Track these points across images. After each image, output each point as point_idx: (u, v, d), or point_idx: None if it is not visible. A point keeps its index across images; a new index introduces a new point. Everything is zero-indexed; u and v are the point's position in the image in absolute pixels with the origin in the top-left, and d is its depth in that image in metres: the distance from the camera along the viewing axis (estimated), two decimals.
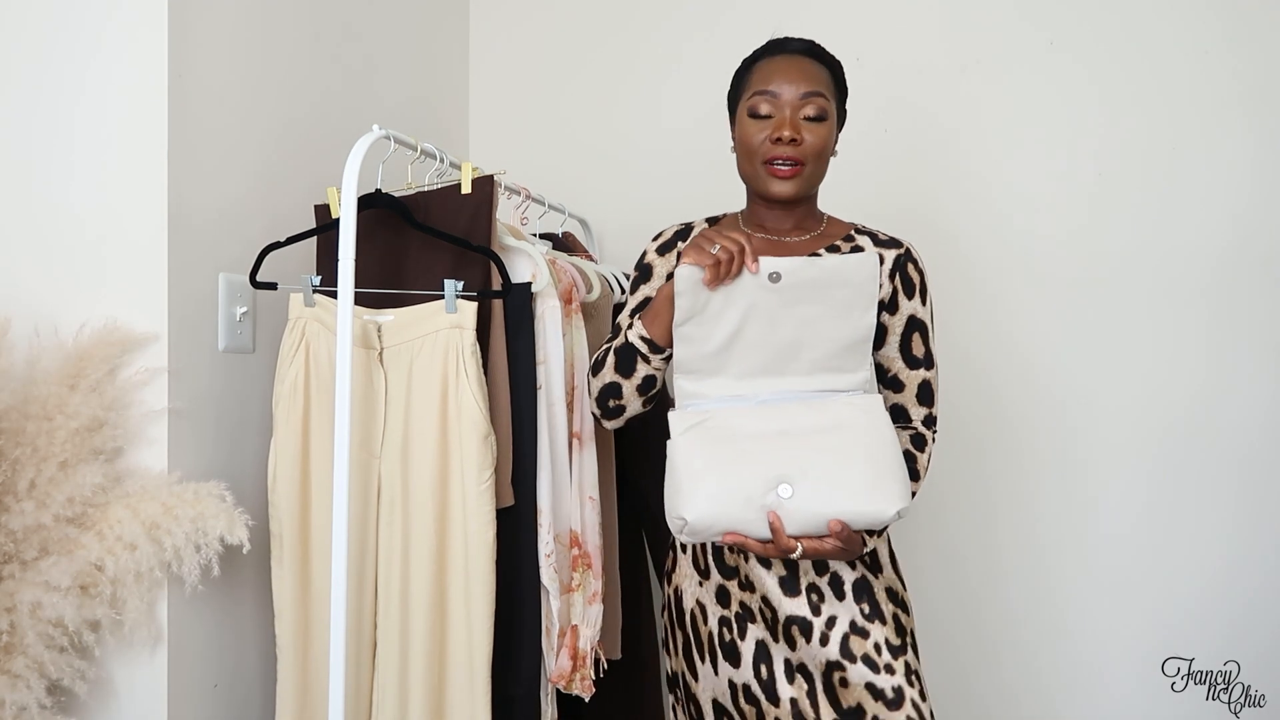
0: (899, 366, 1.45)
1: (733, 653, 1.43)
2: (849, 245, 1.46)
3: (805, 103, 1.39)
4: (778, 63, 1.42)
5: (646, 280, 1.52)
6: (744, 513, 1.26)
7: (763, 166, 1.40)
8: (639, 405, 1.45)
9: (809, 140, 1.38)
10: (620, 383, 1.43)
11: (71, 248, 1.51)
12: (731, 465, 1.27)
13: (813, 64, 1.42)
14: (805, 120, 1.38)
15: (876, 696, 1.34)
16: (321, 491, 1.50)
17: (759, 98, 1.40)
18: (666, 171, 2.31)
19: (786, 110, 1.39)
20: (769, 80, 1.40)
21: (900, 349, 1.44)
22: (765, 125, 1.39)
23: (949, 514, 2.11)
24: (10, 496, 1.35)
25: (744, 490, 1.26)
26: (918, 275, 1.45)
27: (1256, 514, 1.94)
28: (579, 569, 1.57)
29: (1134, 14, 2.01)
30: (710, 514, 1.26)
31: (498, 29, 2.47)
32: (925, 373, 1.45)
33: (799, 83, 1.39)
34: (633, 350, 1.41)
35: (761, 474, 1.26)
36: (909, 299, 1.44)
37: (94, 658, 1.43)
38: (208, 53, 1.55)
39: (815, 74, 1.41)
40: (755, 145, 1.40)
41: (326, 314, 1.50)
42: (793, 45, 1.43)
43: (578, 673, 1.54)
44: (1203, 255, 1.96)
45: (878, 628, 1.37)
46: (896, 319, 1.44)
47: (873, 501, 1.26)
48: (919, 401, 1.46)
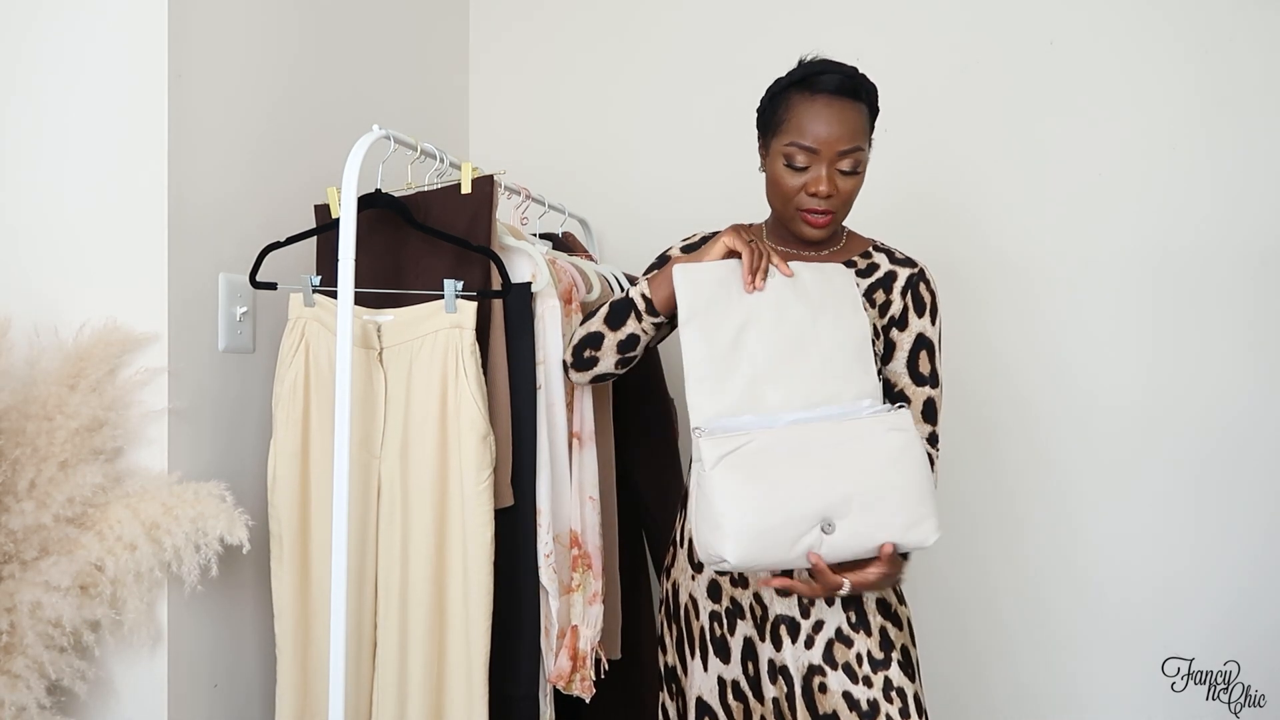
0: (905, 382, 1.45)
1: (723, 648, 1.43)
2: (866, 261, 1.48)
3: (843, 158, 1.37)
4: (816, 108, 1.36)
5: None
6: (787, 553, 1.23)
7: (795, 212, 1.41)
8: (612, 364, 1.46)
9: (844, 190, 1.39)
10: (604, 333, 1.44)
11: (71, 248, 1.51)
12: (771, 502, 1.22)
13: (852, 108, 1.37)
14: (841, 173, 1.38)
15: (852, 707, 1.34)
16: (321, 491, 1.50)
17: (795, 149, 1.37)
18: (667, 171, 2.30)
19: (824, 167, 1.37)
20: (805, 132, 1.36)
21: (908, 365, 1.45)
22: (801, 176, 1.38)
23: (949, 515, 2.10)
24: (10, 496, 1.35)
25: (787, 531, 1.22)
26: (929, 295, 1.47)
27: (1256, 514, 1.94)
28: (579, 569, 1.57)
29: (1134, 14, 2.00)
30: (753, 555, 1.22)
31: (497, 29, 2.47)
32: (930, 390, 1.45)
33: (838, 139, 1.36)
34: (629, 304, 1.42)
35: (802, 512, 1.22)
36: (919, 317, 1.45)
37: (94, 658, 1.43)
38: (207, 52, 1.55)
39: (854, 123, 1.37)
40: (788, 192, 1.40)
41: (326, 314, 1.50)
42: (830, 83, 1.37)
43: (577, 673, 1.54)
44: (1202, 255, 1.96)
45: (862, 638, 1.36)
46: (906, 335, 1.45)
47: (913, 532, 1.26)
48: (924, 419, 1.45)
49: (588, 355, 1.46)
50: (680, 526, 1.55)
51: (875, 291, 1.46)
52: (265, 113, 1.69)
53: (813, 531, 1.22)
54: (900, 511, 1.25)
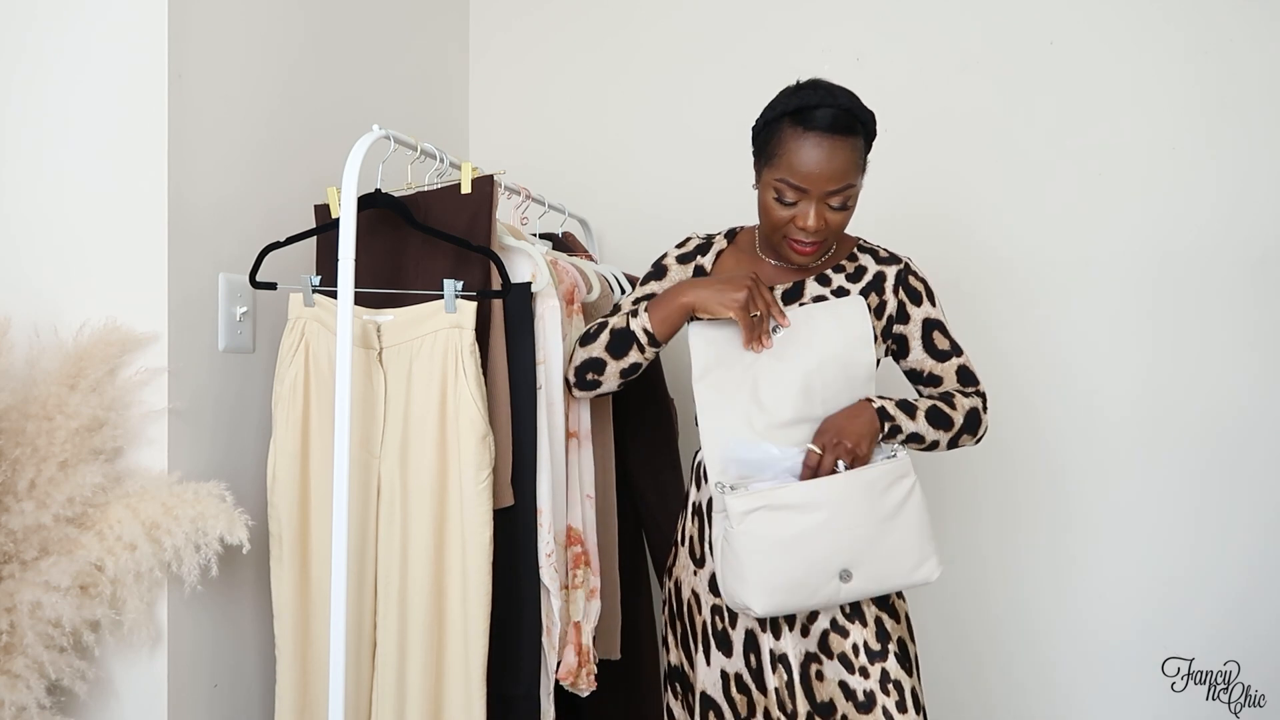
0: (930, 364, 1.48)
1: (725, 641, 1.44)
2: (853, 265, 1.50)
3: (832, 196, 1.37)
4: (808, 146, 1.35)
5: (659, 279, 1.56)
6: (808, 601, 1.35)
7: (782, 239, 1.43)
8: (615, 385, 1.50)
9: (832, 222, 1.40)
10: (607, 361, 1.47)
11: (71, 248, 1.51)
12: (793, 560, 1.33)
13: (845, 145, 1.36)
14: (831, 209, 1.39)
15: (848, 696, 1.35)
16: (321, 491, 1.50)
17: (785, 185, 1.37)
18: (667, 170, 2.30)
19: (813, 204, 1.37)
20: (795, 170, 1.35)
21: (926, 349, 1.48)
22: (789, 209, 1.39)
23: (949, 515, 2.11)
24: (10, 496, 1.35)
25: (808, 583, 1.33)
26: (920, 284, 1.49)
27: (1256, 514, 1.94)
28: (580, 566, 1.57)
29: (1134, 14, 2.00)
30: (776, 606, 1.34)
31: (497, 28, 2.47)
32: (957, 359, 1.49)
33: (829, 178, 1.35)
34: (630, 336, 1.45)
35: (823, 569, 1.34)
36: (917, 306, 1.48)
37: (94, 658, 1.43)
38: (207, 52, 1.55)
39: (846, 160, 1.36)
40: (776, 223, 1.41)
41: (326, 314, 1.50)
42: (824, 120, 1.34)
43: (584, 668, 1.55)
44: (1203, 255, 1.96)
45: (857, 629, 1.38)
46: (911, 326, 1.47)
47: (919, 572, 1.38)
48: (964, 384, 1.48)
49: (591, 379, 1.50)
50: (681, 526, 1.55)
51: (868, 296, 1.47)
52: (265, 113, 1.69)
53: (832, 582, 1.34)
54: (909, 555, 1.37)
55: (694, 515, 1.51)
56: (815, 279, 1.49)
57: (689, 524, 1.52)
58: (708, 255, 1.55)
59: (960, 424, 1.45)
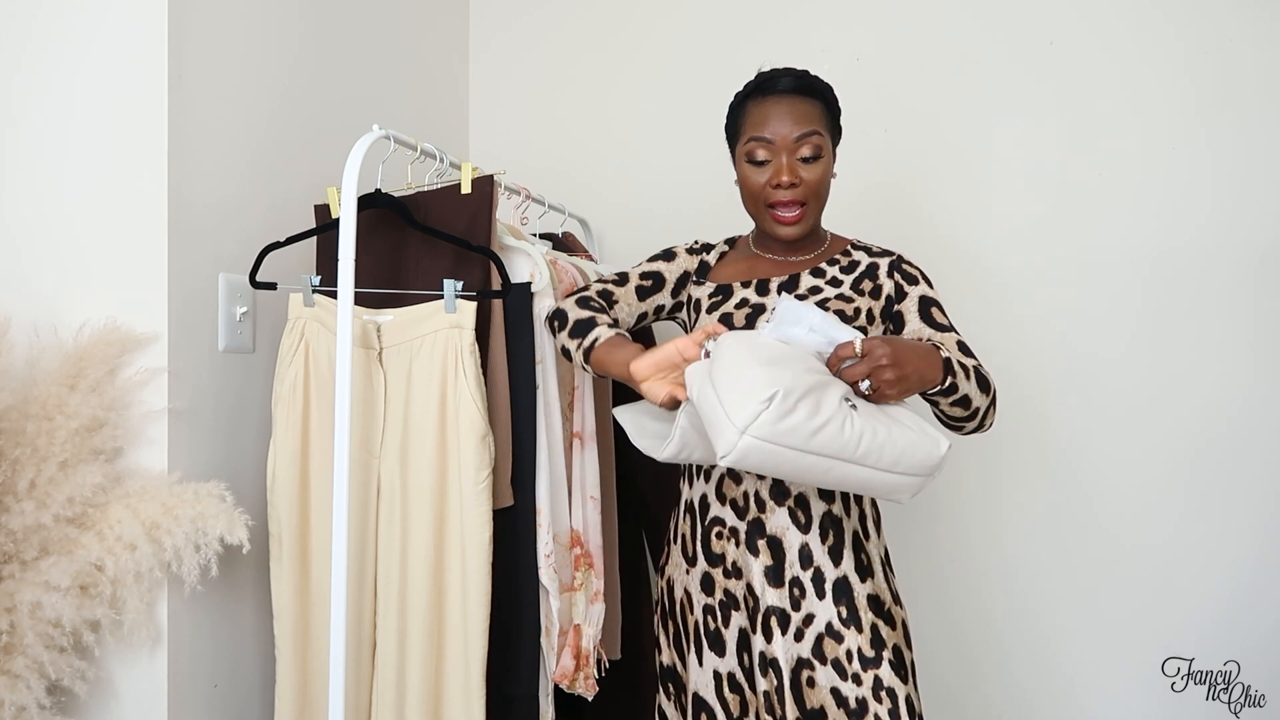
0: (929, 333, 1.45)
1: (718, 641, 1.44)
2: (847, 259, 1.52)
3: (800, 144, 1.43)
4: (769, 105, 1.44)
5: (667, 261, 1.60)
6: (809, 442, 1.19)
7: (766, 210, 1.46)
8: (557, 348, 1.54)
9: (808, 179, 1.44)
10: (562, 337, 1.48)
11: (71, 248, 1.51)
12: (778, 371, 1.19)
13: (804, 102, 1.44)
14: (802, 161, 1.43)
15: (840, 703, 1.33)
16: (321, 491, 1.50)
17: (754, 144, 1.44)
18: (667, 170, 2.30)
19: (783, 155, 1.43)
20: (762, 125, 1.44)
21: (924, 321, 1.46)
22: (764, 170, 1.44)
23: (950, 515, 2.11)
24: (10, 496, 1.35)
25: (807, 400, 1.19)
26: (914, 269, 1.51)
27: (1256, 513, 1.94)
28: (581, 568, 1.57)
29: (1134, 14, 2.00)
30: (767, 429, 1.16)
31: (497, 28, 2.47)
32: (956, 335, 1.45)
33: (792, 125, 1.43)
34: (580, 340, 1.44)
35: (820, 383, 1.21)
36: (913, 285, 1.49)
37: (94, 658, 1.43)
38: (207, 53, 1.55)
39: (808, 112, 1.44)
40: (756, 190, 1.46)
41: (326, 314, 1.50)
42: (782, 84, 1.45)
43: (581, 672, 1.54)
44: (1202, 255, 1.96)
45: (852, 634, 1.36)
46: (908, 303, 1.48)
47: (926, 434, 1.26)
48: (964, 354, 1.41)
49: (555, 326, 1.50)
50: (674, 525, 1.55)
51: (863, 283, 1.48)
52: (265, 113, 1.69)
53: (841, 408, 1.20)
54: (914, 433, 1.26)
55: (686, 513, 1.51)
56: (810, 272, 1.50)
57: (681, 522, 1.52)
58: (711, 254, 1.60)
59: (991, 392, 1.40)
